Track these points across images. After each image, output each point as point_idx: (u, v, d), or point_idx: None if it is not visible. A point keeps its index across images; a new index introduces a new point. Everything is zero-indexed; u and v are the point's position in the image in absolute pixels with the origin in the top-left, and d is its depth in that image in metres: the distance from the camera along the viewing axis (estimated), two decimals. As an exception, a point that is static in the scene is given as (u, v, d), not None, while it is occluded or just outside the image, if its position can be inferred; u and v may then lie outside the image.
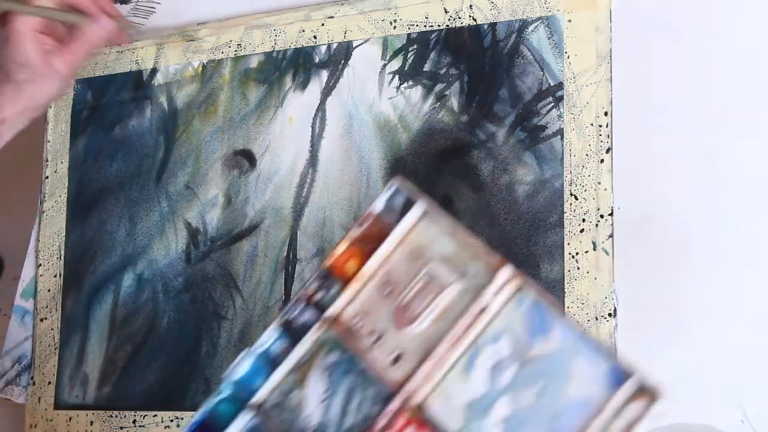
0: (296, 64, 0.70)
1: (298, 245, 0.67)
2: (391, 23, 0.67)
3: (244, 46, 0.72)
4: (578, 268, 0.58)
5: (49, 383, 0.73)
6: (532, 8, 0.63)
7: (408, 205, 0.49)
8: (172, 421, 0.68)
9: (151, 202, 0.73)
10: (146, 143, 0.74)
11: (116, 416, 0.70)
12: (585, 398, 0.42)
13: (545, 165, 0.60)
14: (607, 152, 0.59)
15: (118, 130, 0.75)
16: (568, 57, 0.61)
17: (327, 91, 0.68)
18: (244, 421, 0.49)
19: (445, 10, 0.65)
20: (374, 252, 0.49)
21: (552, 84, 0.61)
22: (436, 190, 0.63)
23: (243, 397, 0.49)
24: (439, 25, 0.65)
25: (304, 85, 0.69)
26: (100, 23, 0.65)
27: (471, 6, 0.64)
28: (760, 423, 0.54)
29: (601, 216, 0.58)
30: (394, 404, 0.45)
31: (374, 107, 0.66)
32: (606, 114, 0.59)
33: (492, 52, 0.63)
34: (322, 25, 0.69)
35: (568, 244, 0.59)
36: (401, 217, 0.49)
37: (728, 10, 0.59)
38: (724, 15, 0.59)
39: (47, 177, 0.77)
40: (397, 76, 0.66)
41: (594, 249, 0.58)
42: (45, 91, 0.65)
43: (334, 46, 0.68)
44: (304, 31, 0.70)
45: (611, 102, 0.59)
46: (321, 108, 0.68)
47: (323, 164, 0.67)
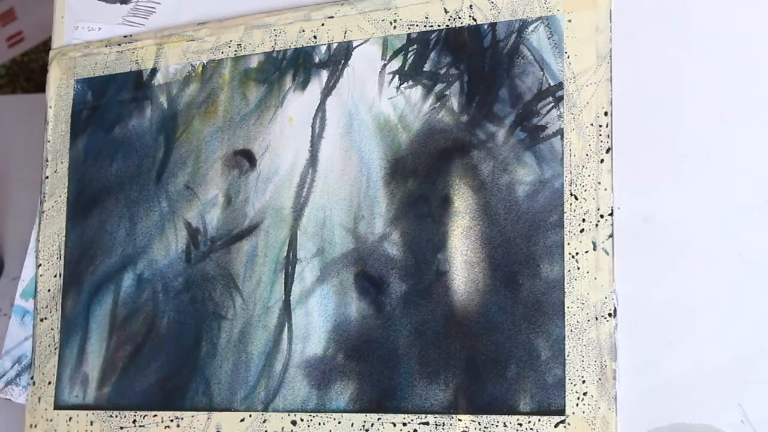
0: (296, 64, 0.70)
1: (298, 245, 0.67)
2: (391, 23, 0.67)
3: (244, 46, 0.72)
4: (578, 268, 0.58)
5: (49, 383, 0.73)
6: (532, 8, 0.63)
7: None
8: (172, 421, 0.68)
9: (151, 202, 0.73)
10: (146, 143, 0.74)
11: (116, 416, 0.70)
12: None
13: (545, 165, 0.60)
14: (607, 152, 0.59)
15: (118, 130, 0.75)
16: (568, 57, 0.61)
17: (327, 91, 0.68)
18: None
19: (445, 10, 0.65)
20: None
21: (552, 84, 0.61)
22: (436, 190, 0.63)
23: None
24: (439, 25, 0.65)
25: (304, 85, 0.69)
26: None
27: (471, 6, 0.64)
28: (760, 423, 0.54)
29: (601, 216, 0.58)
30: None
31: (374, 107, 0.66)
32: (606, 114, 0.60)
33: (492, 52, 0.63)
34: (322, 25, 0.69)
35: (568, 244, 0.59)
36: None
37: (728, 10, 0.59)
38: (725, 15, 0.59)
39: (47, 177, 0.77)
40: (397, 76, 0.66)
41: (594, 249, 0.58)
42: None
43: (334, 46, 0.68)
44: (304, 31, 0.70)
45: (611, 102, 0.60)
46: (321, 108, 0.68)
47: (323, 164, 0.67)
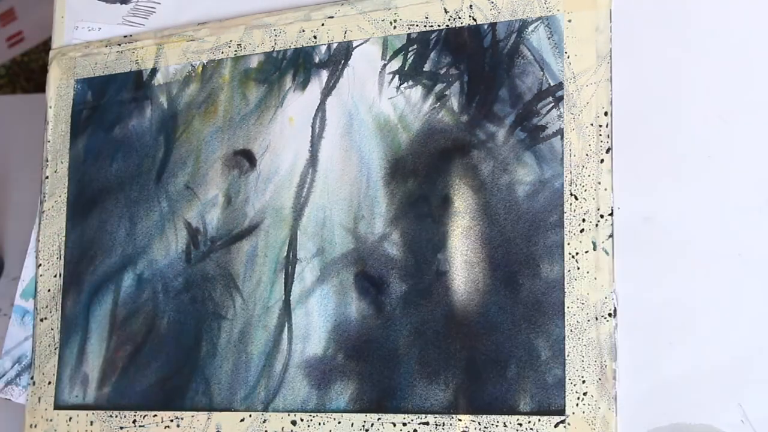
0: (296, 64, 0.70)
1: (298, 245, 0.67)
2: (391, 23, 0.67)
3: (244, 46, 0.72)
4: (578, 268, 0.58)
5: (49, 383, 0.73)
6: (532, 8, 0.63)
7: None
8: (172, 421, 0.68)
9: (151, 202, 0.73)
10: (146, 143, 0.74)
11: (116, 416, 0.70)
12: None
13: (545, 165, 0.60)
14: (607, 152, 0.59)
15: (118, 130, 0.75)
16: (568, 57, 0.61)
17: (327, 91, 0.68)
18: None
19: (445, 10, 0.65)
20: None
21: (552, 84, 0.61)
22: (436, 190, 0.63)
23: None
24: (439, 25, 0.65)
25: (304, 85, 0.69)
26: None
27: (471, 6, 0.64)
28: (760, 423, 0.54)
29: (601, 216, 0.58)
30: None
31: (374, 107, 0.66)
32: (606, 114, 0.59)
33: (492, 52, 0.63)
34: (322, 25, 0.69)
35: (568, 244, 0.59)
36: None
37: (729, 10, 0.59)
38: (725, 15, 0.59)
39: (47, 177, 0.77)
40: (397, 76, 0.66)
41: (594, 249, 0.58)
42: None
43: (334, 46, 0.68)
44: (304, 31, 0.70)
45: (611, 102, 0.60)
46: (321, 108, 0.68)
47: (323, 164, 0.67)
